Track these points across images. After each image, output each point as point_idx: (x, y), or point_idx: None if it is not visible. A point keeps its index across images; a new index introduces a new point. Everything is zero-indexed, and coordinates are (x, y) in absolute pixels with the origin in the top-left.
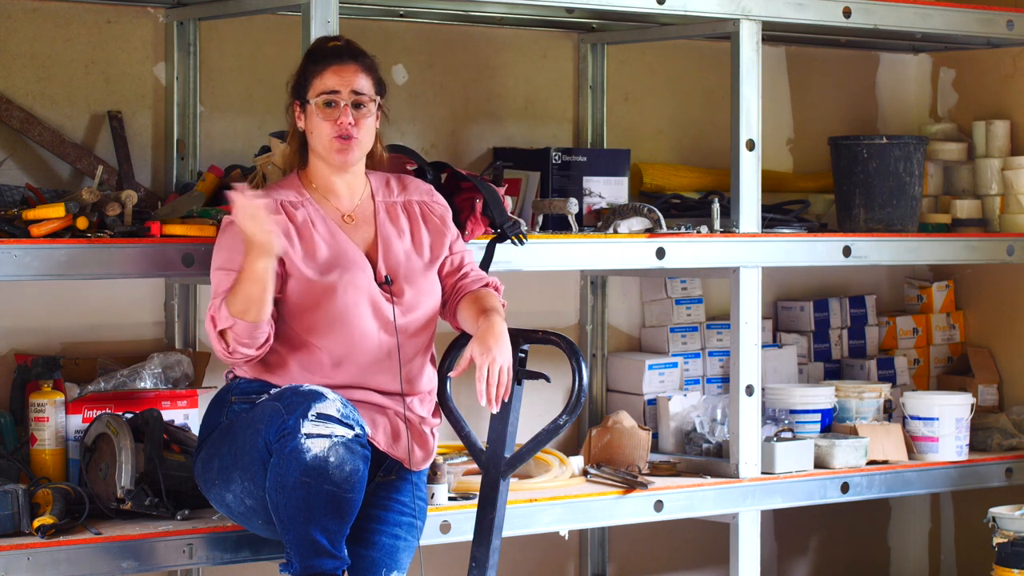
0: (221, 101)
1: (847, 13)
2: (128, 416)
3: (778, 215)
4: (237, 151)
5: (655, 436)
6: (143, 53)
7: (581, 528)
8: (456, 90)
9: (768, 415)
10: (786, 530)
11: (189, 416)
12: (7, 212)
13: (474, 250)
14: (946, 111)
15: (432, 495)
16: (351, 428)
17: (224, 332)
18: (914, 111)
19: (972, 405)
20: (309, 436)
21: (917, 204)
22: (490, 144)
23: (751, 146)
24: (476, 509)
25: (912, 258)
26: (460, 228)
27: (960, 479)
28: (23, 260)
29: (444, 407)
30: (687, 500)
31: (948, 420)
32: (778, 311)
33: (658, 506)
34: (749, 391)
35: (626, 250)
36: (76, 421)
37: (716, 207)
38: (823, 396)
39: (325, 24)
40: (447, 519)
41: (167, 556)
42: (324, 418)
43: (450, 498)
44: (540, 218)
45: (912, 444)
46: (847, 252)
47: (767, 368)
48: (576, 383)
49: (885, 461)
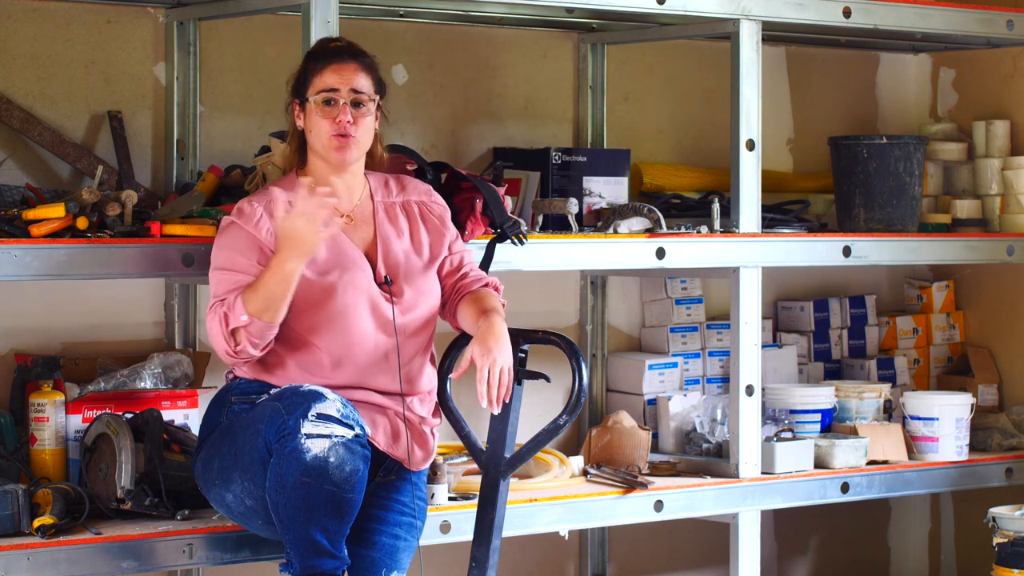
0: (221, 101)
1: (847, 13)
2: (128, 416)
3: (778, 215)
4: (237, 151)
5: (655, 436)
6: (143, 53)
7: (581, 528)
8: (456, 90)
9: (768, 415)
10: (786, 530)
11: (189, 416)
12: (7, 212)
13: (474, 250)
14: (946, 111)
15: (432, 495)
16: (351, 428)
17: (236, 330)
18: (914, 111)
19: (972, 405)
20: (309, 436)
21: (917, 204)
22: (490, 144)
23: (751, 146)
24: (476, 509)
25: (912, 258)
26: (460, 228)
27: (960, 479)
28: (23, 260)
29: (444, 407)
30: (687, 500)
31: (948, 420)
32: (778, 311)
33: (658, 506)
34: (749, 391)
35: (626, 250)
36: (76, 421)
37: (716, 207)
38: (823, 396)
39: (325, 24)
40: (447, 519)
41: (167, 556)
42: (324, 418)
43: (450, 498)
44: (540, 218)
45: (912, 444)
46: (847, 252)
47: (767, 368)
48: (576, 383)
49: (885, 461)
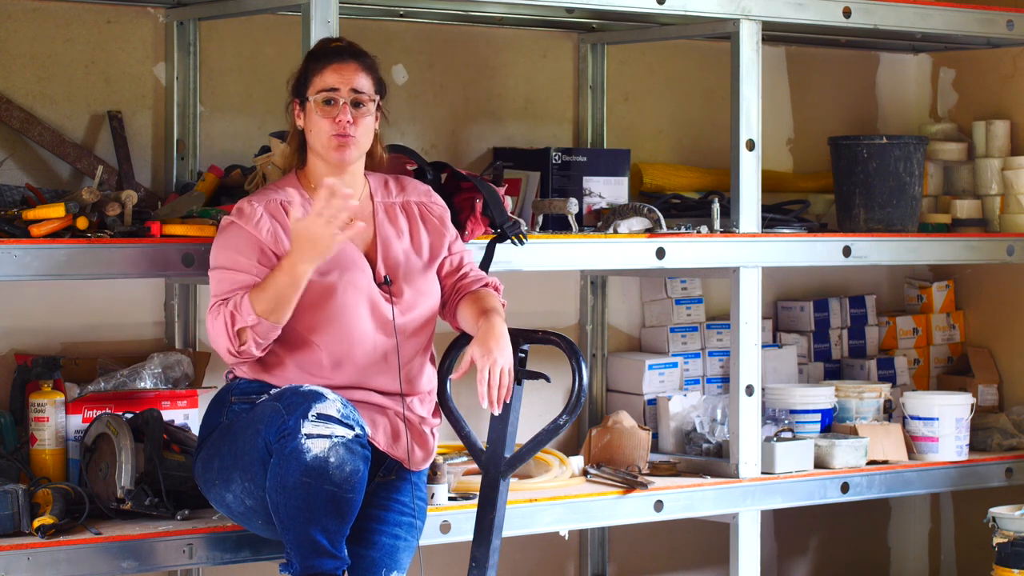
0: (221, 101)
1: (847, 13)
2: (128, 416)
3: (778, 215)
4: (237, 151)
5: (655, 436)
6: (143, 53)
7: (581, 528)
8: (456, 90)
9: (768, 415)
10: (786, 530)
11: (189, 416)
12: (7, 212)
13: (474, 250)
14: (946, 111)
15: (432, 495)
16: (351, 428)
17: (242, 330)
18: (914, 111)
19: (972, 405)
20: (309, 436)
21: (917, 204)
22: (490, 144)
23: (751, 146)
24: (476, 509)
25: (912, 258)
26: (460, 228)
27: (960, 479)
28: (23, 260)
29: (444, 407)
30: (687, 500)
31: (948, 420)
32: (778, 311)
33: (658, 506)
34: (749, 391)
35: (626, 250)
36: (76, 421)
37: (716, 207)
38: (823, 396)
39: (325, 24)
40: (447, 519)
41: (167, 556)
42: (324, 418)
43: (450, 498)
44: (540, 218)
45: (912, 444)
46: (847, 252)
47: (767, 368)
48: (576, 383)
49: (885, 461)
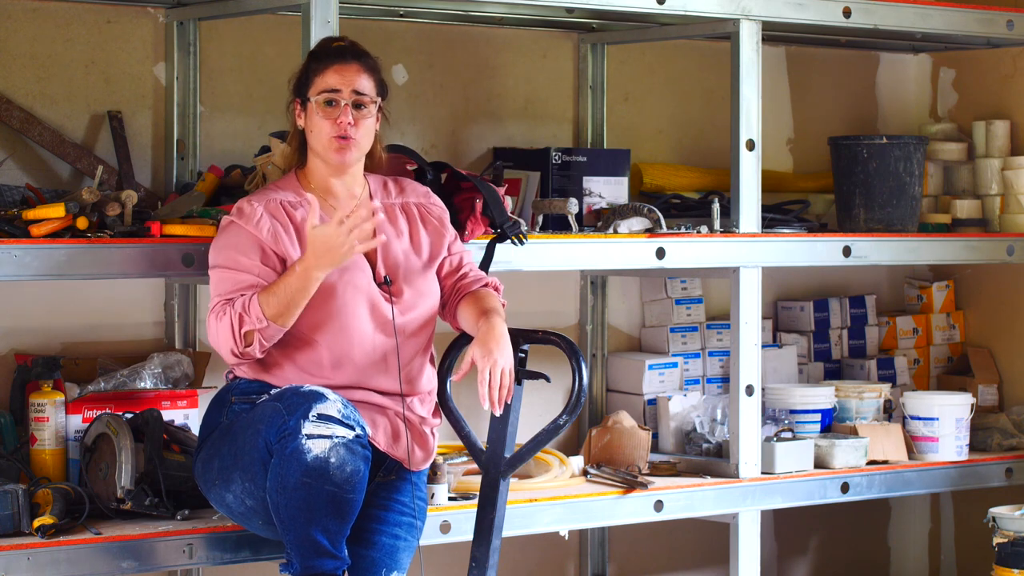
0: (221, 101)
1: (847, 13)
2: (128, 416)
3: (778, 215)
4: (237, 151)
5: (655, 436)
6: (143, 53)
7: (581, 528)
8: (456, 90)
9: (768, 415)
10: (786, 530)
11: (189, 416)
12: (7, 212)
13: (474, 250)
14: (946, 111)
15: (432, 495)
16: (352, 429)
17: (249, 332)
18: (914, 111)
19: (972, 405)
20: (310, 437)
21: (917, 204)
22: (490, 144)
23: (751, 146)
24: (476, 509)
25: (912, 258)
26: (460, 228)
27: (960, 479)
28: (23, 260)
29: (444, 407)
30: (687, 500)
31: (948, 420)
32: (778, 311)
33: (658, 506)
34: (749, 391)
35: (626, 250)
36: (76, 421)
37: (716, 207)
38: (823, 396)
39: (325, 24)
40: (447, 519)
41: (167, 556)
42: (325, 419)
43: (450, 498)
44: (540, 218)
45: (912, 444)
46: (847, 252)
47: (767, 368)
48: (576, 383)
49: (885, 461)
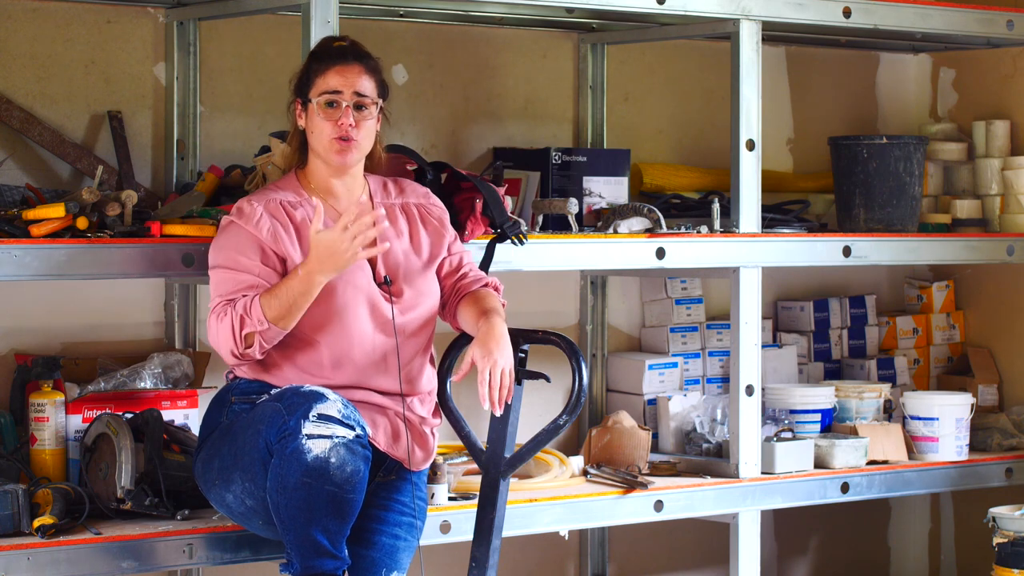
0: (221, 101)
1: (847, 13)
2: (128, 416)
3: (778, 215)
4: (237, 151)
5: (655, 436)
6: (143, 53)
7: (581, 528)
8: (456, 90)
9: (768, 415)
10: (786, 530)
11: (189, 416)
12: (7, 212)
13: (474, 250)
14: (946, 111)
15: (432, 495)
16: (352, 429)
17: (250, 334)
18: (914, 111)
19: (972, 405)
20: (310, 437)
21: (917, 204)
22: (490, 144)
23: (751, 146)
24: (476, 509)
25: (912, 258)
26: (460, 228)
27: (960, 479)
28: (23, 260)
29: (444, 407)
30: (687, 500)
31: (948, 420)
32: (778, 311)
33: (658, 506)
34: (749, 391)
35: (626, 250)
36: (76, 421)
37: (716, 207)
38: (823, 396)
39: (325, 24)
40: (447, 519)
41: (167, 556)
42: (325, 419)
43: (450, 498)
44: (540, 218)
45: (912, 444)
46: (847, 252)
47: (767, 368)
48: (576, 383)
49: (885, 461)
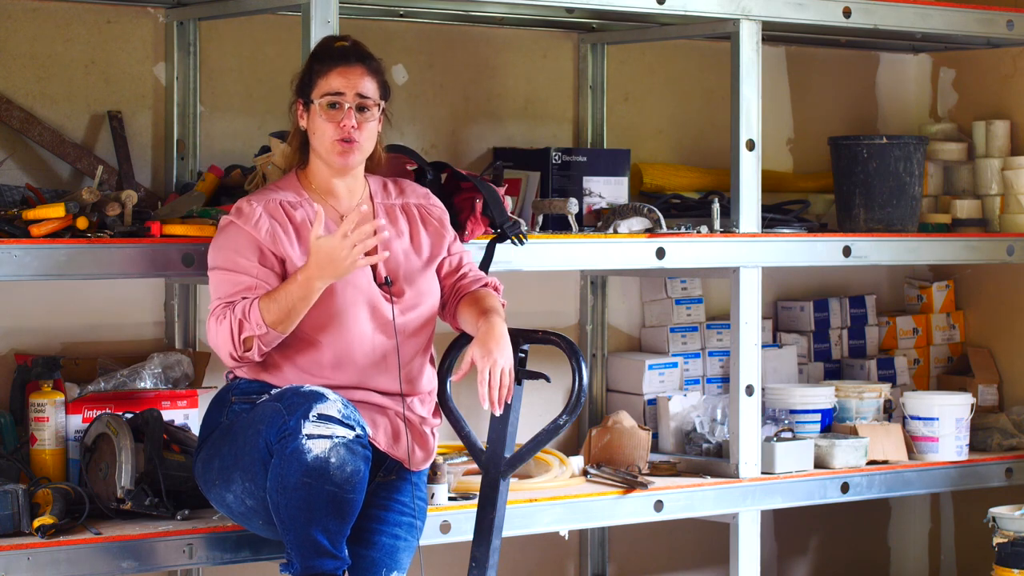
0: (221, 101)
1: (847, 13)
2: (128, 416)
3: (778, 215)
4: (237, 151)
5: (655, 436)
6: (143, 53)
7: (581, 528)
8: (456, 90)
9: (768, 415)
10: (786, 530)
11: (189, 416)
12: (7, 212)
13: (474, 250)
14: (946, 111)
15: (432, 495)
16: (352, 429)
17: (248, 338)
18: (914, 111)
19: (972, 405)
20: (310, 437)
21: (917, 204)
22: (490, 144)
23: (751, 146)
24: (476, 509)
25: (912, 258)
26: (460, 228)
27: (960, 479)
28: (23, 260)
29: (444, 407)
30: (687, 500)
31: (948, 420)
32: (778, 311)
33: (658, 506)
34: (749, 391)
35: (626, 250)
36: (76, 421)
37: (716, 207)
38: (823, 396)
39: (325, 24)
40: (447, 519)
41: (167, 556)
42: (325, 419)
43: (450, 498)
44: (540, 218)
45: (912, 444)
46: (847, 252)
47: (767, 368)
48: (576, 383)
49: (885, 461)
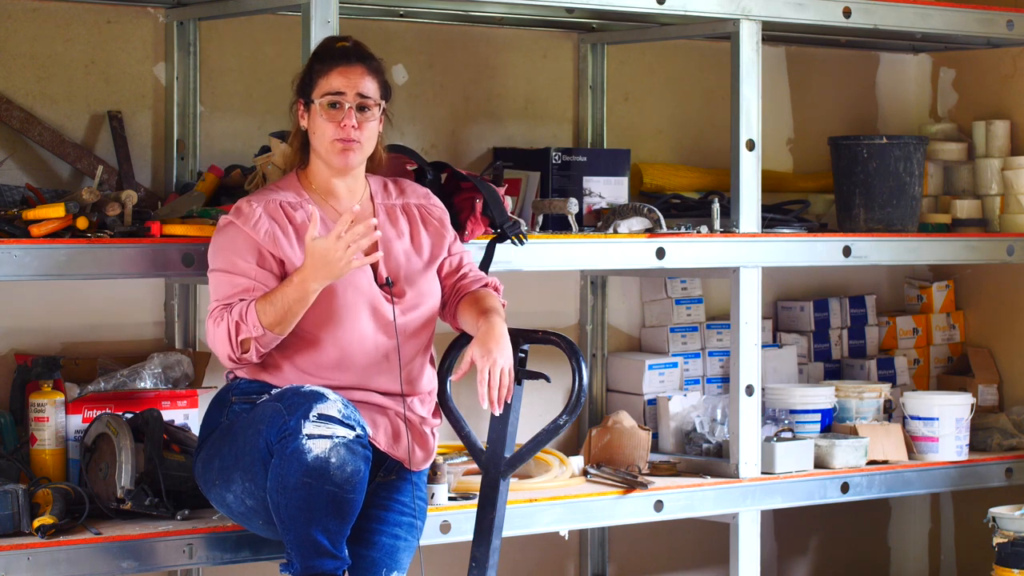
0: (221, 101)
1: (847, 13)
2: (128, 416)
3: (778, 215)
4: (237, 151)
5: (655, 436)
6: (143, 53)
7: (581, 528)
8: (456, 90)
9: (768, 415)
10: (786, 530)
11: (189, 416)
12: (7, 212)
13: (474, 250)
14: (946, 111)
15: (432, 495)
16: (352, 429)
17: (246, 340)
18: (914, 111)
19: (972, 405)
20: (310, 437)
21: (917, 204)
22: (490, 144)
23: (751, 146)
24: (476, 509)
25: (912, 258)
26: (460, 228)
27: (960, 479)
28: (23, 260)
29: (444, 407)
30: (687, 500)
31: (948, 420)
32: (778, 311)
33: (658, 506)
34: (749, 391)
35: (626, 250)
36: (76, 421)
37: (716, 207)
38: (823, 396)
39: (325, 24)
40: (447, 519)
41: (167, 556)
42: (325, 419)
43: (450, 498)
44: (540, 218)
45: (912, 444)
46: (847, 252)
47: (767, 368)
48: (576, 383)
49: (885, 461)
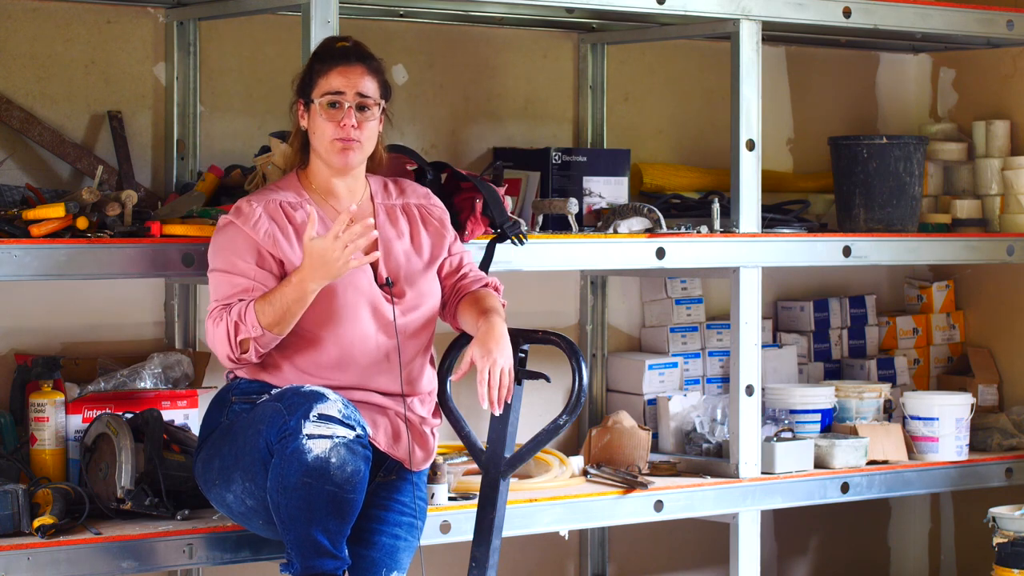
0: (221, 101)
1: (847, 13)
2: (128, 416)
3: (778, 215)
4: (237, 151)
5: (655, 436)
6: (143, 53)
7: (581, 528)
8: (456, 90)
9: (768, 415)
10: (786, 530)
11: (189, 416)
12: (7, 212)
13: (474, 250)
14: (946, 111)
15: (432, 495)
16: (352, 429)
17: (245, 340)
18: (914, 111)
19: (972, 405)
20: (311, 437)
21: (917, 204)
22: (490, 144)
23: (751, 146)
24: (476, 509)
25: (912, 258)
26: (460, 228)
27: (960, 479)
28: (23, 260)
29: (444, 407)
30: (687, 500)
31: (948, 420)
32: (778, 311)
33: (658, 506)
34: (749, 391)
35: (626, 250)
36: (76, 421)
37: (716, 207)
38: (823, 396)
39: (325, 24)
40: (447, 519)
41: (167, 556)
42: (325, 419)
43: (450, 498)
44: (540, 218)
45: (912, 444)
46: (847, 252)
47: (767, 368)
48: (576, 383)
49: (885, 461)
